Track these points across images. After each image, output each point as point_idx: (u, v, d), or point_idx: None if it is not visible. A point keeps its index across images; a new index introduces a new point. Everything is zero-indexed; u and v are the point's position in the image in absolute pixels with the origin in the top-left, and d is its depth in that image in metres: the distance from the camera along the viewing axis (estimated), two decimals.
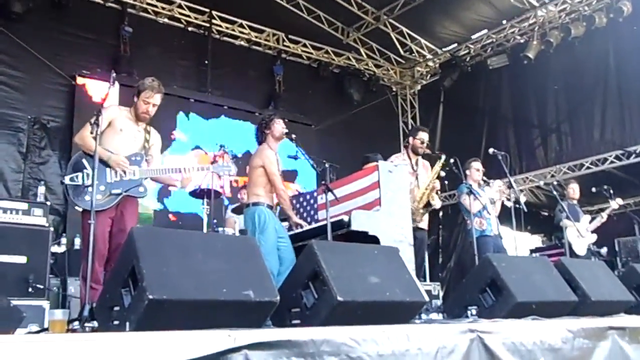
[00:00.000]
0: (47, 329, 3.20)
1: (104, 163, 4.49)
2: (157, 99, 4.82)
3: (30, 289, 5.35)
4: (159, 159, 4.99)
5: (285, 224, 6.18)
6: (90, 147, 4.40)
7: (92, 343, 2.45)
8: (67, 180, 4.47)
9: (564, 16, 10.41)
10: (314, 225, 5.57)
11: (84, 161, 4.53)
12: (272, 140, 5.61)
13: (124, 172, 4.60)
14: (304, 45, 11.71)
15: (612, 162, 9.85)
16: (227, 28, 10.80)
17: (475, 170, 7.44)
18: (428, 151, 6.92)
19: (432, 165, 6.73)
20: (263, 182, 5.46)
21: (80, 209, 4.52)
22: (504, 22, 11.18)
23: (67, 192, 4.54)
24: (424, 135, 6.98)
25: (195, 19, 10.41)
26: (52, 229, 5.94)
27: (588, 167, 10.10)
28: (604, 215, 8.23)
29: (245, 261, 3.27)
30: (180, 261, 3.01)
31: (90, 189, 4.28)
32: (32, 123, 8.52)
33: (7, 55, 8.48)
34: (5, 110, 8.35)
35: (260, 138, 5.70)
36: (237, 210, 7.65)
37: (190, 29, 10.48)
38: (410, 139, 7.05)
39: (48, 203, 6.16)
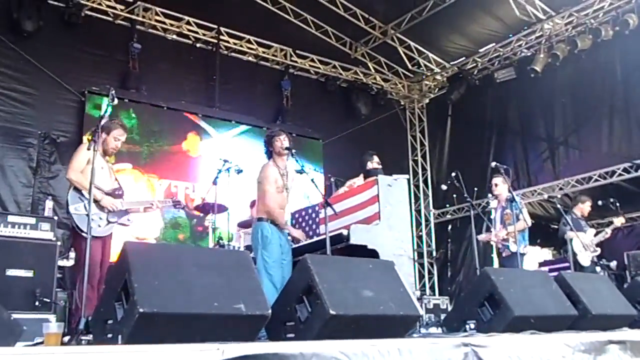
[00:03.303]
0: (42, 342, 3.26)
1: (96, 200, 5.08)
2: (125, 137, 5.56)
3: (36, 303, 5.42)
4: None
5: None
6: (85, 187, 4.92)
7: (84, 356, 2.49)
8: (72, 209, 5.07)
9: (571, 29, 10.40)
10: (314, 239, 5.60)
11: (84, 192, 5.03)
12: (276, 157, 5.67)
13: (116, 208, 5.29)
14: (312, 60, 11.78)
15: (620, 174, 9.80)
16: (235, 44, 10.90)
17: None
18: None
19: None
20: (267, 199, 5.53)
21: (85, 235, 4.81)
22: (511, 35, 11.20)
23: (73, 222, 5.11)
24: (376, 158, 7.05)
25: (204, 35, 10.52)
26: (59, 243, 6.02)
27: (596, 180, 10.04)
28: (608, 231, 8.19)
29: (238, 275, 3.31)
30: (172, 275, 3.05)
31: (93, 217, 4.77)
32: (42, 138, 8.63)
33: (18, 72, 8.62)
34: (16, 125, 8.48)
35: (267, 154, 5.78)
36: (244, 225, 7.69)
37: (198, 45, 10.59)
38: (369, 163, 7.05)
39: (55, 218, 6.23)
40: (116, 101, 4.52)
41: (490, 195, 7.73)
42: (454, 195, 10.77)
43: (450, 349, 3.34)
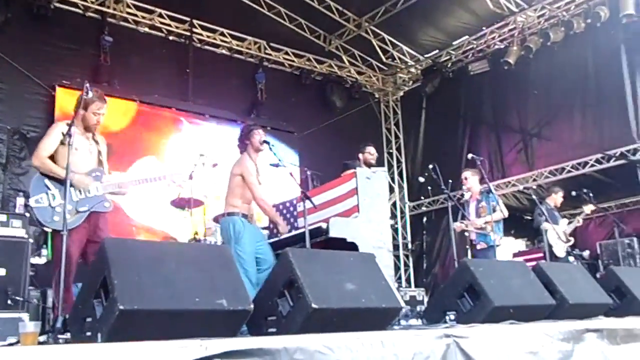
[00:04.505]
0: (18, 342, 3.16)
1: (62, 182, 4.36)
2: (105, 109, 4.85)
3: (9, 301, 5.32)
4: (107, 171, 4.97)
5: (266, 232, 6.20)
6: (50, 170, 4.47)
7: (62, 355, 2.44)
8: (32, 202, 4.41)
9: (543, 22, 10.50)
10: (293, 232, 5.57)
11: (46, 181, 4.49)
12: (252, 151, 5.64)
13: (88, 190, 4.62)
14: (286, 53, 11.72)
15: (592, 165, 9.93)
16: (208, 37, 10.79)
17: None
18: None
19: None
20: (239, 192, 5.50)
21: (49, 230, 4.50)
22: (484, 28, 11.27)
23: (33, 215, 4.46)
24: (371, 149, 7.31)
25: (176, 27, 10.39)
26: (31, 240, 5.91)
27: (569, 171, 10.16)
28: (580, 219, 8.30)
29: (219, 270, 3.27)
30: (152, 271, 3.00)
31: (58, 209, 4.31)
32: (11, 133, 8.43)
33: None
34: None
35: (242, 148, 5.73)
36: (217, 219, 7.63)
37: (171, 37, 10.46)
38: (360, 155, 7.17)
39: (27, 214, 6.11)
40: (91, 94, 4.41)
41: (464, 187, 7.78)
42: (429, 188, 10.81)
43: (432, 340, 3.35)
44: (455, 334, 3.43)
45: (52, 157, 4.58)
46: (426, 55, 12.37)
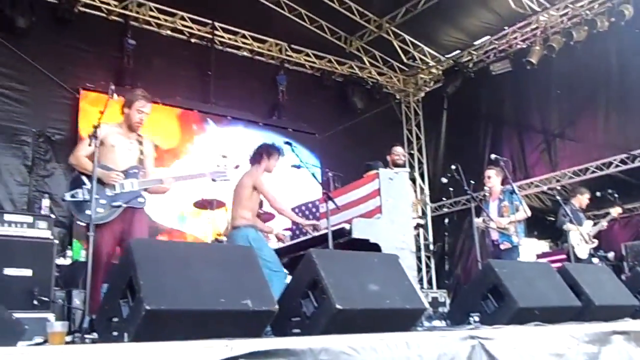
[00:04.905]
0: (46, 341, 3.21)
1: (100, 180, 4.53)
2: (149, 108, 4.93)
3: (35, 302, 5.38)
4: (151, 170, 5.04)
5: (288, 232, 6.24)
6: (84, 166, 4.60)
7: (90, 354, 2.47)
8: (67, 197, 4.58)
9: (566, 20, 10.39)
10: (315, 234, 5.58)
11: (83, 178, 4.62)
12: (263, 169, 5.78)
13: (122, 185, 4.70)
14: (307, 55, 11.74)
15: (617, 165, 9.80)
16: (229, 39, 10.84)
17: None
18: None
19: None
20: (250, 205, 5.61)
21: (84, 224, 4.59)
22: (506, 28, 11.18)
23: (70, 209, 4.66)
24: (398, 150, 7.47)
25: (198, 30, 10.46)
26: (56, 241, 5.98)
27: (593, 172, 10.05)
28: (604, 223, 8.20)
29: (244, 271, 3.28)
30: (178, 272, 3.02)
31: (89, 202, 4.35)
32: (37, 136, 8.55)
33: (12, 69, 8.53)
34: (10, 124, 8.39)
35: (254, 161, 5.82)
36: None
37: (193, 40, 10.52)
38: (387, 156, 7.21)
39: (52, 216, 6.20)
40: (116, 97, 4.45)
41: (486, 186, 7.73)
42: (451, 189, 10.74)
43: (457, 342, 3.34)
44: (480, 336, 3.42)
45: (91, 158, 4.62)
46: (447, 56, 12.31)
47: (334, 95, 12.10)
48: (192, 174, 5.18)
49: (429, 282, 12.33)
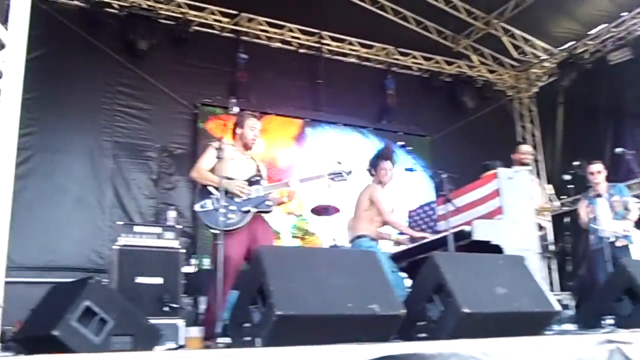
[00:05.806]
0: (183, 346, 3.38)
1: (225, 190, 4.68)
2: (260, 124, 5.17)
3: (165, 308, 5.68)
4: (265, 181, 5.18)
5: (405, 236, 6.22)
6: (207, 178, 4.80)
7: (229, 358, 2.58)
8: (197, 207, 4.78)
9: None
10: (434, 237, 5.52)
11: (209, 188, 4.81)
12: (378, 182, 6.03)
13: (249, 193, 4.87)
14: (414, 57, 11.65)
15: None
16: (337, 47, 10.96)
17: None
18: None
19: None
20: (368, 216, 5.85)
21: (218, 232, 4.65)
22: (624, 14, 10.56)
23: (201, 219, 4.83)
24: (523, 148, 7.36)
25: (306, 40, 10.66)
26: (183, 250, 6.29)
27: None
28: None
29: (368, 275, 3.31)
30: (306, 277, 3.09)
31: (222, 209, 4.55)
32: (160, 151, 9.06)
33: (135, 89, 9.09)
34: (137, 141, 8.94)
35: (371, 172, 6.14)
36: None
37: (301, 50, 10.73)
38: (512, 155, 7.01)
39: (179, 226, 6.52)
40: (236, 109, 4.63)
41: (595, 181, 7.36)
42: (572, 186, 10.27)
43: (593, 346, 3.19)
44: (617, 340, 3.24)
45: (213, 171, 4.86)
46: (560, 48, 11.77)
47: (443, 96, 11.90)
48: (312, 176, 5.30)
49: (551, 284, 11.83)
